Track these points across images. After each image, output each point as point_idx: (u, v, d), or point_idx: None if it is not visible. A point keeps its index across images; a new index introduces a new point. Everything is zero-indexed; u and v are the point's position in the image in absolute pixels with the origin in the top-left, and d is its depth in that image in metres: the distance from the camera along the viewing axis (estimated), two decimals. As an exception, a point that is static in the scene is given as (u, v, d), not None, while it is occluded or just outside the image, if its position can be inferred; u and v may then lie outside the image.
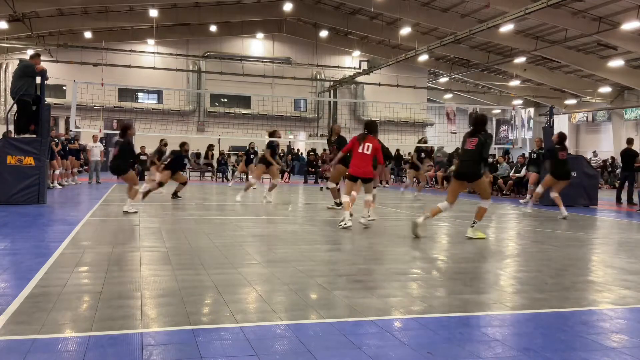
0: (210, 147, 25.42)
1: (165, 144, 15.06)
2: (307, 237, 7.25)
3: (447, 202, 7.25)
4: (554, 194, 10.59)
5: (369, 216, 8.25)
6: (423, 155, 15.56)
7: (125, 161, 9.53)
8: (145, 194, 11.77)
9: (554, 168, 10.82)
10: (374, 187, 8.81)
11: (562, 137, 11.06)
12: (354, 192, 8.43)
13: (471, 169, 7.23)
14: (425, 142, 13.38)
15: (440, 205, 7.26)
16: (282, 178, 23.59)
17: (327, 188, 11.75)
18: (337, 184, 10.88)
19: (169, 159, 12.75)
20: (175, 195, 12.67)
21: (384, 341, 3.06)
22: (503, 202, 14.19)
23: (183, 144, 13.20)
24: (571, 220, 10.12)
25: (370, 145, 8.03)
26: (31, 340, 2.92)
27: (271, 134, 13.12)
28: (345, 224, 7.84)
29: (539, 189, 11.16)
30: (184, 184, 12.92)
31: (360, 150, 8.03)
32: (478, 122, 7.44)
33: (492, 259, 5.94)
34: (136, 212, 9.21)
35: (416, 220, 7.16)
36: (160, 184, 12.42)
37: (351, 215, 8.00)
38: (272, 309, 3.62)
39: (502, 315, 3.72)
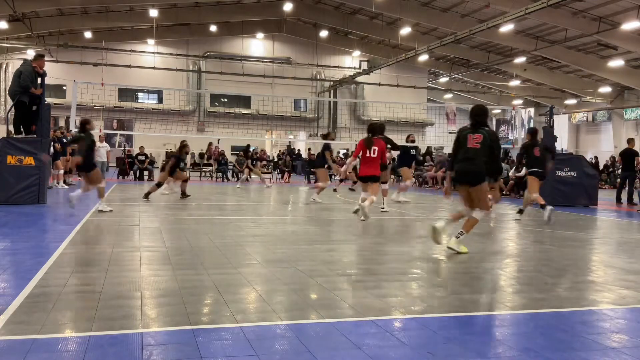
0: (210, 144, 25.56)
1: (187, 150, 15.45)
2: (307, 237, 7.25)
3: (467, 207, 6.24)
4: (535, 196, 9.87)
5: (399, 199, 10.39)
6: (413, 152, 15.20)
7: (90, 156, 9.43)
8: (147, 194, 11.96)
9: (530, 167, 10.14)
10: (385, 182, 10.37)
11: (533, 133, 10.44)
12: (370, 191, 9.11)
13: (474, 171, 6.06)
14: (413, 141, 13.17)
15: (463, 209, 6.29)
16: (282, 178, 23.61)
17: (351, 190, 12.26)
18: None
19: (169, 162, 12.91)
20: (184, 194, 12.84)
21: (384, 341, 3.06)
22: (503, 202, 14.19)
23: (183, 147, 13.37)
24: (571, 220, 10.11)
25: (377, 148, 8.91)
26: (31, 340, 2.92)
27: (325, 136, 13.43)
28: (364, 205, 8.55)
29: (534, 195, 10.13)
30: (185, 181, 13.08)
31: (367, 155, 8.90)
32: (480, 113, 6.27)
33: (492, 259, 5.94)
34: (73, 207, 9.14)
35: (434, 225, 6.11)
36: (159, 185, 12.65)
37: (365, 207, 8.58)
38: (272, 309, 3.62)
39: (502, 315, 3.72)
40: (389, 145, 10.39)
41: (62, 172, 15.59)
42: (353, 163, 10.32)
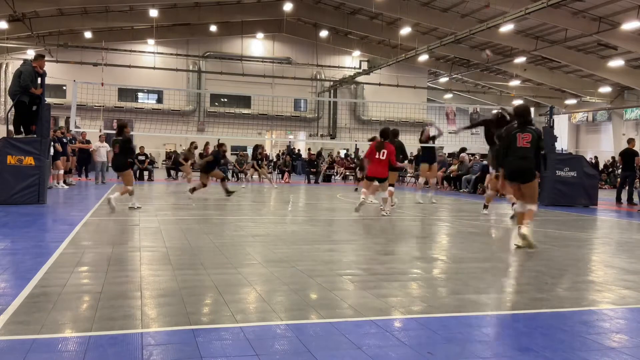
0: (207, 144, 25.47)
1: (196, 147, 16.00)
2: (307, 237, 7.25)
3: (520, 202, 6.57)
4: (491, 193, 10.15)
5: (393, 204, 10.32)
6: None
7: (125, 158, 10.00)
8: (192, 189, 12.79)
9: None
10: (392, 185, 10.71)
11: (500, 120, 9.41)
12: (372, 188, 10.14)
13: (528, 169, 6.41)
14: (428, 137, 13.13)
15: (520, 207, 6.58)
16: (282, 178, 23.61)
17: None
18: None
19: (208, 160, 13.39)
20: (228, 192, 13.26)
21: (384, 341, 3.06)
22: (503, 202, 14.18)
23: (221, 145, 13.97)
24: (571, 220, 10.11)
25: (386, 151, 9.64)
26: (31, 340, 2.92)
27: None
28: (363, 201, 9.51)
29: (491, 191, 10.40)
30: (223, 180, 13.69)
31: (377, 156, 9.62)
32: (525, 113, 6.58)
33: (492, 259, 5.94)
34: (113, 209, 9.25)
35: (521, 231, 6.27)
36: (204, 185, 13.21)
37: (365, 202, 9.57)
38: (272, 309, 3.62)
39: (502, 315, 3.72)
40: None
41: (62, 172, 15.59)
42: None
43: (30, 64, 10.77)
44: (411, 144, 18.85)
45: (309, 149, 29.88)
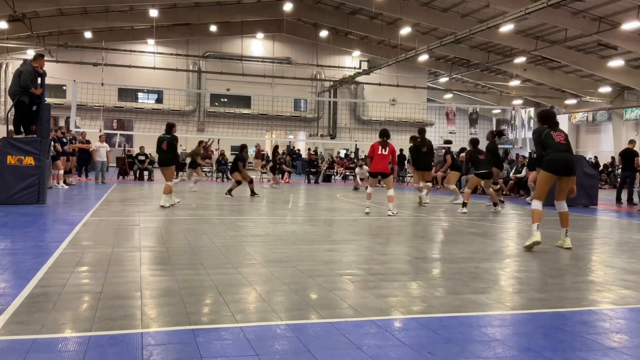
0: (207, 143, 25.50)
1: (205, 145, 16.61)
2: (307, 237, 7.25)
3: (559, 201, 6.73)
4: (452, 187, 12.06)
5: (392, 210, 10.10)
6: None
7: (173, 155, 10.84)
8: (229, 190, 13.60)
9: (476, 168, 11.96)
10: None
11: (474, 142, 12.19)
12: (370, 189, 10.67)
13: (572, 162, 6.62)
14: (418, 138, 13.12)
15: (558, 207, 6.76)
16: (282, 178, 23.61)
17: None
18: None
19: (233, 161, 14.12)
20: (253, 193, 13.79)
21: (384, 341, 3.06)
22: (505, 202, 14.18)
23: (243, 147, 14.34)
24: (571, 220, 10.09)
25: (388, 148, 10.31)
26: (31, 340, 2.92)
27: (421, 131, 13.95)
28: (367, 211, 10.27)
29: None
30: (251, 181, 14.06)
31: (379, 152, 10.27)
32: (552, 116, 6.89)
33: (492, 259, 5.94)
34: (174, 204, 10.51)
35: (536, 239, 6.39)
36: (239, 182, 13.80)
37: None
38: (272, 309, 3.62)
39: (502, 315, 3.72)
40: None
41: (62, 172, 15.59)
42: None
43: (30, 63, 10.77)
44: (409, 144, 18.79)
45: (309, 149, 29.88)
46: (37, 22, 30.65)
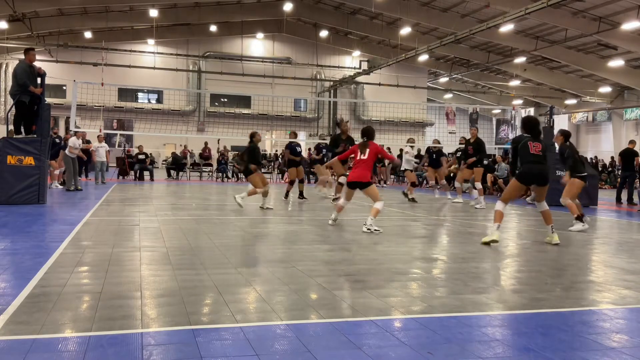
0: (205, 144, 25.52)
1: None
2: (307, 237, 7.25)
3: (539, 202, 7.12)
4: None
5: (371, 225, 7.73)
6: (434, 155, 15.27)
7: (249, 164, 10.62)
8: (286, 194, 13.63)
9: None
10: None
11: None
12: (344, 201, 8.40)
13: (546, 172, 6.95)
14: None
15: (539, 207, 7.14)
16: (282, 178, 23.59)
17: (340, 183, 11.95)
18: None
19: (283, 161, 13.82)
20: (301, 195, 13.75)
21: (384, 341, 3.06)
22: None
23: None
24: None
25: (369, 150, 8.04)
26: (31, 340, 2.92)
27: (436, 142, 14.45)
28: (330, 222, 8.40)
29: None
30: (302, 181, 14.13)
31: (359, 157, 8.05)
32: (535, 125, 7.12)
33: (492, 259, 5.94)
34: (240, 205, 10.30)
35: (495, 238, 6.71)
36: (292, 182, 13.78)
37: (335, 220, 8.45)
38: (272, 309, 3.62)
39: (502, 315, 3.72)
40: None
41: (57, 172, 15.57)
42: (332, 161, 10.95)
43: (23, 61, 10.78)
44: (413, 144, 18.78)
45: (309, 149, 29.87)
46: (37, 22, 30.66)
